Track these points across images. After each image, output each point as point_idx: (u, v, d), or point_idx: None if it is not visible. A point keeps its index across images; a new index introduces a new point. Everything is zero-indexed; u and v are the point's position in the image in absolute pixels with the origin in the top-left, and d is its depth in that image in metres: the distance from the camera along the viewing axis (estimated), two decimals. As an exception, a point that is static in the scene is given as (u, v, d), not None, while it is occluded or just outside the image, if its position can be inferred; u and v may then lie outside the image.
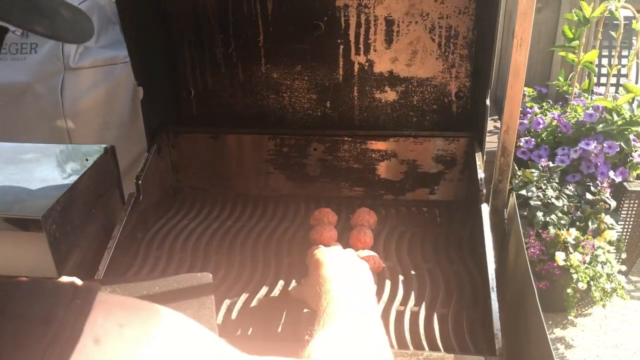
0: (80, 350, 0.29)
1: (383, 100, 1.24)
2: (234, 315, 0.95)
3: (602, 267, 1.85)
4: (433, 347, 0.87)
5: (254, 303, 0.97)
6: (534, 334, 0.88)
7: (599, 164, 2.03)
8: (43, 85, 1.76)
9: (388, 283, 1.00)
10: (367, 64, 1.21)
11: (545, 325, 0.84)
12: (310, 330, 0.65)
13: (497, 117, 2.33)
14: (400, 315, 0.94)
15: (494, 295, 0.92)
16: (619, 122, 2.06)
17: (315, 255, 0.88)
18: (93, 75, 1.84)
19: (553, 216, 1.90)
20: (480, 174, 1.08)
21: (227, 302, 0.97)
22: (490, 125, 1.10)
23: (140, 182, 1.13)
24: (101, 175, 1.11)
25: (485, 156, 1.14)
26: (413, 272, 1.02)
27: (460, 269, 1.03)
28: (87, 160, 1.07)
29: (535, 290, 0.88)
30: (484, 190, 1.06)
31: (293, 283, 1.02)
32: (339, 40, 1.20)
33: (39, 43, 1.80)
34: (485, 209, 1.04)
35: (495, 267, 0.96)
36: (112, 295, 0.34)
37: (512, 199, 1.11)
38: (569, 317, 1.97)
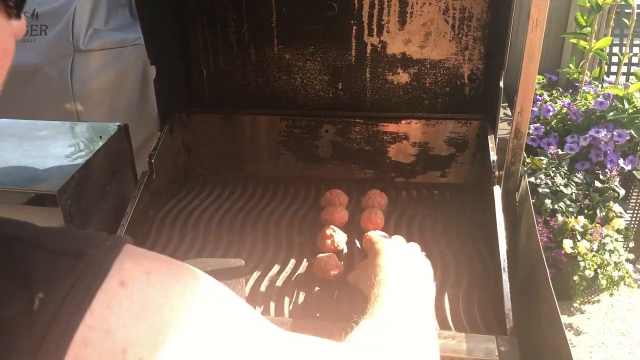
0: (106, 290, 0.30)
1: (395, 82, 1.24)
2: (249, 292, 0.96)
3: (610, 255, 1.85)
4: (444, 326, 0.88)
5: (274, 282, 0.98)
6: (545, 314, 0.88)
7: (608, 152, 2.03)
8: (53, 67, 1.76)
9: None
10: (379, 45, 1.21)
11: (557, 305, 0.84)
12: (358, 317, 0.63)
13: (505, 104, 2.32)
14: (411, 294, 0.94)
15: (505, 276, 0.92)
16: (630, 110, 2.05)
17: (376, 244, 0.85)
18: (102, 58, 1.84)
19: (561, 204, 1.89)
20: (493, 156, 1.08)
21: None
22: (500, 112, 1.10)
23: (152, 160, 1.13)
24: (115, 152, 1.12)
25: (497, 139, 1.14)
26: (424, 253, 1.03)
27: (471, 250, 1.04)
28: (100, 137, 1.08)
29: (548, 262, 0.88)
30: (497, 172, 1.06)
31: (304, 262, 1.02)
32: (352, 21, 1.19)
33: (49, 25, 1.80)
34: (497, 191, 1.04)
35: (506, 248, 0.96)
36: (142, 249, 0.35)
37: (524, 182, 1.11)
38: (576, 305, 1.97)
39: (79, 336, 0.28)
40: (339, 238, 1.04)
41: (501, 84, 1.09)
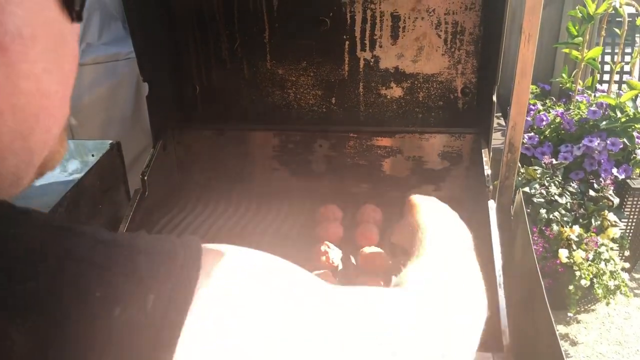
0: (199, 287, 0.33)
1: (389, 97, 1.24)
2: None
3: (606, 264, 1.85)
4: (440, 343, 0.87)
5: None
6: (542, 331, 0.87)
7: (602, 161, 2.03)
8: None
9: (394, 279, 0.99)
10: (372, 60, 1.21)
11: (554, 322, 0.84)
12: (404, 261, 0.64)
13: (499, 114, 2.33)
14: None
15: (501, 292, 0.91)
16: (623, 119, 2.06)
17: (411, 199, 0.85)
18: (95, 72, 1.84)
19: (556, 213, 1.90)
20: (487, 171, 1.08)
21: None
22: (494, 123, 1.10)
23: (145, 177, 1.13)
24: (107, 170, 1.11)
25: (491, 153, 1.14)
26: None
27: (466, 265, 1.03)
28: (92, 155, 1.07)
29: (544, 272, 0.88)
30: (491, 187, 1.06)
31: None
32: (344, 36, 1.19)
33: (42, 39, 1.79)
34: (492, 205, 1.04)
35: (502, 263, 0.96)
36: (209, 244, 0.38)
37: (519, 196, 1.11)
38: (572, 314, 1.97)
39: (183, 335, 0.31)
40: (334, 255, 1.03)
41: (494, 98, 1.09)
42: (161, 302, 0.31)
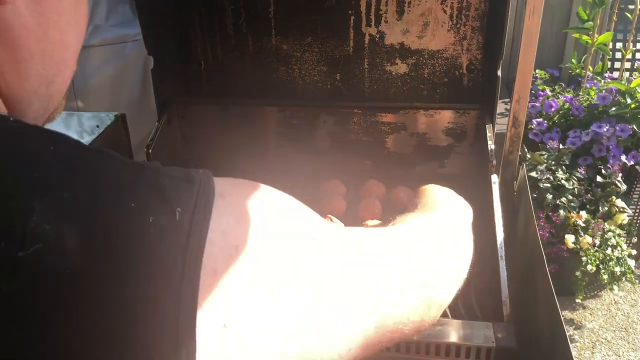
0: (216, 204, 0.37)
1: (393, 73, 1.23)
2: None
3: (612, 250, 1.84)
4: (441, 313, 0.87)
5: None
6: (542, 302, 0.87)
7: (610, 147, 2.01)
8: None
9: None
10: (377, 35, 1.20)
11: (554, 292, 0.83)
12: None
13: (507, 99, 2.31)
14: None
15: (502, 264, 0.91)
16: (632, 105, 2.04)
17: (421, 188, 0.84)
18: (103, 54, 1.84)
19: (563, 199, 1.88)
20: (491, 145, 1.07)
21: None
22: (498, 101, 1.09)
23: (150, 150, 1.13)
24: (112, 142, 1.11)
25: (495, 128, 1.13)
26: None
27: (469, 239, 1.03)
28: (97, 127, 1.08)
29: (545, 257, 0.87)
30: (494, 161, 1.05)
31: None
32: (349, 12, 1.19)
33: (50, 21, 1.80)
34: (495, 179, 1.04)
35: (504, 236, 0.95)
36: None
37: (523, 171, 1.10)
38: (578, 301, 1.96)
39: (208, 238, 0.35)
40: (336, 227, 1.03)
41: (499, 73, 1.08)
42: (186, 214, 0.35)
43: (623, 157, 2.01)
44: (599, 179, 1.94)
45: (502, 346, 0.79)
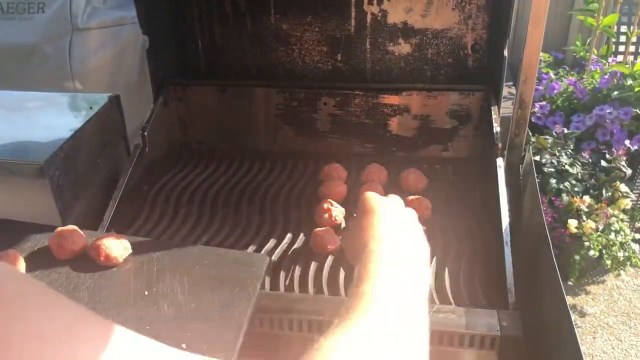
0: None
1: (396, 53, 1.20)
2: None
3: (616, 235, 1.82)
4: (444, 300, 0.85)
5: (270, 257, 0.95)
6: (548, 289, 0.85)
7: (614, 131, 1.98)
8: (51, 45, 1.72)
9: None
10: (380, 14, 1.17)
11: (560, 279, 0.81)
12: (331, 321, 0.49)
13: (511, 83, 2.28)
14: (411, 268, 0.91)
15: (507, 250, 0.89)
16: (636, 89, 2.01)
17: (369, 200, 0.70)
18: (101, 36, 1.80)
19: (567, 183, 1.86)
20: (496, 128, 1.04)
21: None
22: (504, 82, 1.06)
23: (145, 133, 1.10)
24: (106, 124, 1.08)
25: (501, 110, 1.10)
26: (424, 228, 1.00)
27: (473, 224, 1.01)
28: (91, 108, 1.05)
29: (551, 243, 0.85)
30: (500, 144, 1.02)
31: (301, 237, 0.99)
32: (351, -11, 1.15)
33: (46, 2, 1.76)
34: (500, 163, 1.01)
35: (509, 221, 0.93)
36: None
37: (529, 155, 1.07)
38: (580, 286, 1.94)
39: None
40: (337, 212, 1.01)
41: (505, 52, 1.05)
42: None
43: (627, 142, 1.98)
44: (603, 163, 1.91)
45: (507, 335, 0.77)
